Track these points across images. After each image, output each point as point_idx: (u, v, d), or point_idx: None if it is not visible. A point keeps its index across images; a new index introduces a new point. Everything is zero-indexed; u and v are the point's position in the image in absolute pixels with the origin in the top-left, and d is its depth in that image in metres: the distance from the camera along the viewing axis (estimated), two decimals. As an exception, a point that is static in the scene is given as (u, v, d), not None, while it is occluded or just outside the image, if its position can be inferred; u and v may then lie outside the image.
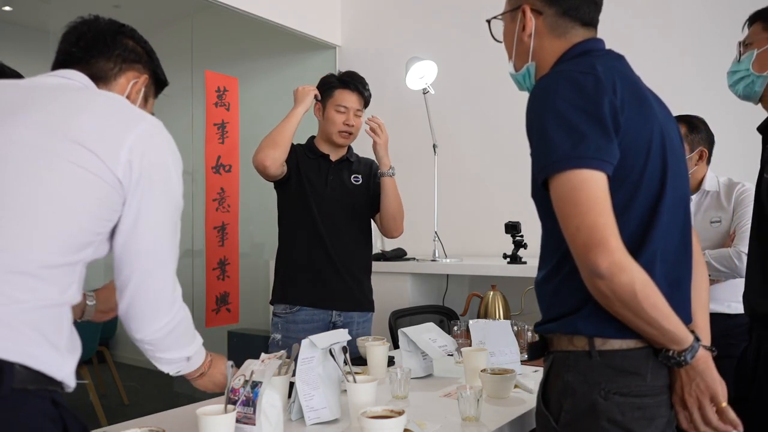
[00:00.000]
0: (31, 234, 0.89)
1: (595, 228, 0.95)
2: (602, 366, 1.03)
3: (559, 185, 0.98)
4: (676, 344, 1.01)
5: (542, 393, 1.12)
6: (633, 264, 0.96)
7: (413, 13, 4.00)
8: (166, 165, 1.02)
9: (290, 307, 2.16)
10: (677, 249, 1.09)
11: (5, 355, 0.83)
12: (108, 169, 0.94)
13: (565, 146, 0.97)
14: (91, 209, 0.94)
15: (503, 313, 2.53)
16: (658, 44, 3.05)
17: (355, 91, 2.23)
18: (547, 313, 1.12)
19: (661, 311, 0.99)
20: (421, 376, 1.84)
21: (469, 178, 3.70)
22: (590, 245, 0.95)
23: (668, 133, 1.11)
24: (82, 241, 0.94)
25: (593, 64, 1.05)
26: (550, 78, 1.06)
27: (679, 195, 1.10)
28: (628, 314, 0.99)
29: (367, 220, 2.32)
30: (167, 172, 1.02)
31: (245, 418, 1.24)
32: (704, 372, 1.04)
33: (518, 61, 1.22)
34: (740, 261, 2.04)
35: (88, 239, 0.95)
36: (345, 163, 2.28)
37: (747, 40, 1.59)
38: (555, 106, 1.00)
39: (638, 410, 1.01)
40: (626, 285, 0.95)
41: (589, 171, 0.97)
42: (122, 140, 0.96)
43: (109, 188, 0.95)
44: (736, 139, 2.78)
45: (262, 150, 2.08)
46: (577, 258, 0.98)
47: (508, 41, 1.24)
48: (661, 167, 1.06)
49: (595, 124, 0.98)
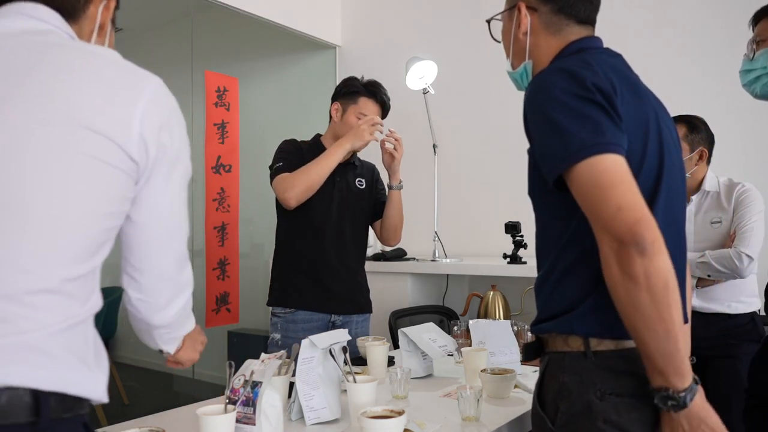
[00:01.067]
0: (50, 245, 0.77)
1: (640, 205, 0.93)
2: (598, 367, 1.02)
3: (586, 171, 0.95)
4: (679, 376, 0.93)
5: (538, 394, 1.11)
6: (668, 254, 0.93)
7: (413, 13, 4.00)
8: (179, 132, 0.91)
9: (289, 309, 2.16)
10: (673, 244, 1.08)
11: (40, 385, 0.75)
12: (123, 152, 0.82)
13: (583, 134, 0.96)
14: (110, 206, 0.83)
15: (503, 313, 2.53)
16: (657, 44, 3.05)
17: (380, 102, 2.23)
18: (542, 313, 1.12)
19: (678, 319, 0.92)
20: (421, 376, 1.84)
21: (469, 178, 3.70)
22: (637, 220, 0.91)
23: (665, 129, 1.10)
24: (99, 242, 0.83)
25: (588, 60, 1.05)
26: (546, 73, 1.05)
27: (675, 192, 1.10)
28: (650, 311, 0.92)
29: (367, 224, 2.32)
30: (180, 139, 0.91)
31: (245, 418, 1.24)
32: (706, 416, 0.95)
33: (515, 60, 1.22)
34: (740, 261, 2.03)
35: (105, 237, 0.84)
36: (351, 166, 2.28)
37: (758, 37, 1.54)
38: (558, 98, 0.99)
39: (634, 410, 1.00)
40: (663, 269, 0.91)
41: (611, 156, 0.95)
42: (132, 113, 0.83)
43: (125, 176, 0.84)
44: (736, 139, 2.78)
45: (294, 189, 2.02)
46: (617, 239, 0.92)
47: (506, 40, 1.24)
48: (658, 164, 1.06)
49: (602, 112, 0.98)
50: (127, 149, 0.82)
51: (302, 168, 2.07)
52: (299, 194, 2.04)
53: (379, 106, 2.24)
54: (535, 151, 1.06)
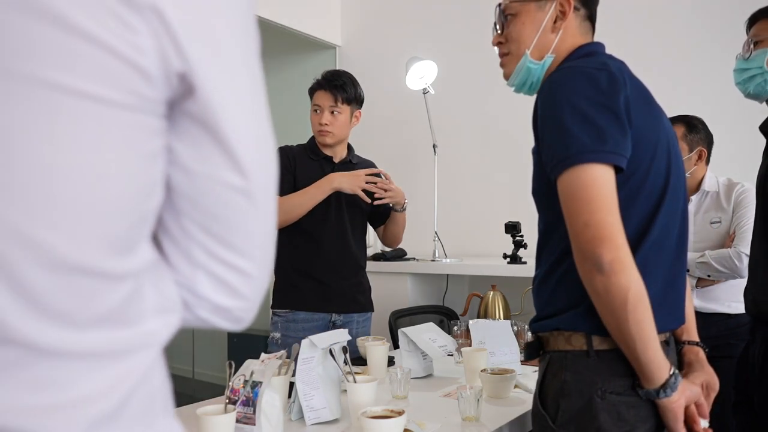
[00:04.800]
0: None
1: (604, 225, 0.95)
2: (599, 366, 1.03)
3: (570, 180, 0.99)
4: (646, 380, 1.00)
5: (539, 393, 1.12)
6: (634, 270, 0.96)
7: (413, 13, 4.00)
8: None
9: (290, 309, 2.16)
10: (674, 248, 1.10)
11: None
12: (133, 70, 0.44)
13: (583, 139, 0.98)
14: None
15: (503, 313, 2.53)
16: (655, 45, 3.05)
17: (328, 89, 2.18)
18: (543, 310, 1.12)
19: (643, 333, 0.97)
20: (421, 376, 1.84)
21: (469, 178, 3.70)
22: (597, 240, 0.95)
23: (671, 137, 1.13)
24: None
25: (605, 62, 1.06)
26: (563, 73, 1.06)
27: (679, 196, 1.11)
28: (612, 322, 0.98)
29: (366, 222, 2.33)
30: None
31: (245, 418, 1.24)
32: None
33: (536, 51, 1.19)
34: (740, 261, 2.03)
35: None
36: (347, 165, 2.27)
37: (755, 38, 1.55)
38: (571, 100, 1.01)
39: (635, 409, 1.01)
40: (622, 287, 0.95)
41: (601, 167, 0.97)
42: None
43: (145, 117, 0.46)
44: (736, 139, 2.78)
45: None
46: (580, 253, 0.98)
47: (529, 29, 1.19)
48: (666, 166, 1.08)
49: (611, 119, 0.99)
50: (138, 62, 0.46)
51: (287, 198, 2.08)
52: (278, 221, 2.05)
53: (330, 92, 2.17)
54: (541, 149, 1.07)
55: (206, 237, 0.51)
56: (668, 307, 1.08)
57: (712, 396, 1.13)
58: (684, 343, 1.18)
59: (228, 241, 0.52)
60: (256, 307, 0.56)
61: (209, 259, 0.52)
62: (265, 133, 0.55)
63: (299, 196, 2.09)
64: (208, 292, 0.53)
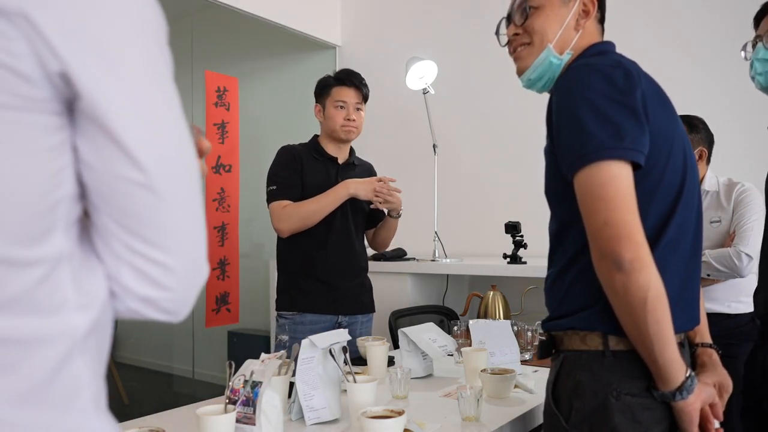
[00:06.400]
0: None
1: (624, 224, 0.95)
2: (615, 366, 1.02)
3: (588, 178, 0.98)
4: (662, 382, 0.99)
5: (551, 392, 1.11)
6: (654, 269, 0.96)
7: (413, 13, 4.00)
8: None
9: (298, 312, 2.16)
10: (690, 247, 1.09)
11: None
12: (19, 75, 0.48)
13: (601, 136, 0.97)
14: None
15: (503, 313, 2.53)
16: (656, 44, 3.05)
17: (352, 86, 2.22)
18: (557, 310, 1.11)
19: (661, 333, 0.96)
20: (421, 376, 1.84)
21: (469, 178, 3.70)
22: (617, 238, 0.95)
23: (685, 136, 1.14)
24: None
25: (619, 60, 1.06)
26: (579, 71, 1.06)
27: (694, 194, 1.11)
28: (630, 322, 0.97)
29: (365, 223, 2.33)
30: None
31: (245, 418, 1.24)
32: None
33: (557, 46, 1.18)
34: (740, 261, 2.04)
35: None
36: (351, 166, 2.28)
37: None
38: (588, 97, 1.00)
39: (648, 411, 1.01)
40: (641, 286, 0.94)
41: (619, 164, 0.97)
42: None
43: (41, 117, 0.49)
44: (736, 139, 2.78)
45: (290, 223, 2.09)
46: (599, 252, 0.97)
47: (554, 23, 1.18)
48: (683, 164, 1.08)
49: (629, 115, 0.99)
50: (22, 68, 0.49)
51: (302, 204, 2.10)
52: (293, 228, 2.10)
53: (355, 89, 2.22)
54: (556, 146, 1.06)
55: (122, 231, 0.53)
56: (684, 308, 1.07)
57: (725, 397, 1.12)
58: (698, 346, 1.18)
59: (141, 235, 0.53)
60: (190, 298, 0.58)
61: (128, 252, 0.53)
62: (166, 125, 0.55)
63: (315, 203, 2.10)
64: (131, 284, 0.54)
